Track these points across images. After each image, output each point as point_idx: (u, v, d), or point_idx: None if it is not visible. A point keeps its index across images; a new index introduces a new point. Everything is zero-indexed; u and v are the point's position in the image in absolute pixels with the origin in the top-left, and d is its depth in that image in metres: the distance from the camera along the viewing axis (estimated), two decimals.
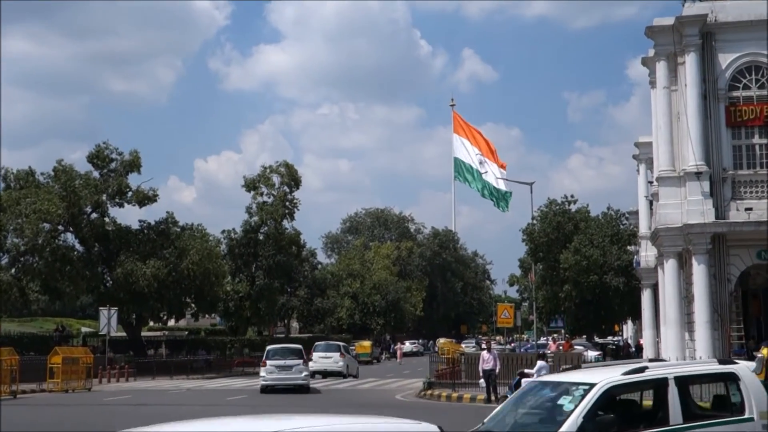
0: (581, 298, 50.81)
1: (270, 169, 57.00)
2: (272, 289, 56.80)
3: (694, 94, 30.17)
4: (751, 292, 32.94)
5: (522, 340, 75.45)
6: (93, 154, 45.59)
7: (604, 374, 8.96)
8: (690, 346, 30.33)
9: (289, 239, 57.66)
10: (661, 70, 31.61)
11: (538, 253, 51.53)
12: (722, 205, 29.90)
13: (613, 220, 53.63)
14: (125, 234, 46.05)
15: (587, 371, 9.66)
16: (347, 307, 71.48)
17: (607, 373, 9.02)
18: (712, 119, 30.28)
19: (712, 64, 30.48)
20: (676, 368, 9.22)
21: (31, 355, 36.39)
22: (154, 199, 46.73)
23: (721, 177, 30.03)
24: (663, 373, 9.03)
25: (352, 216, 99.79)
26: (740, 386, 9.13)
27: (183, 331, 70.25)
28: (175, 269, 44.12)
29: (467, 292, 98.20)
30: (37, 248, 41.56)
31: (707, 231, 29.42)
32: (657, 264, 38.14)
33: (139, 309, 45.99)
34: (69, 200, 42.33)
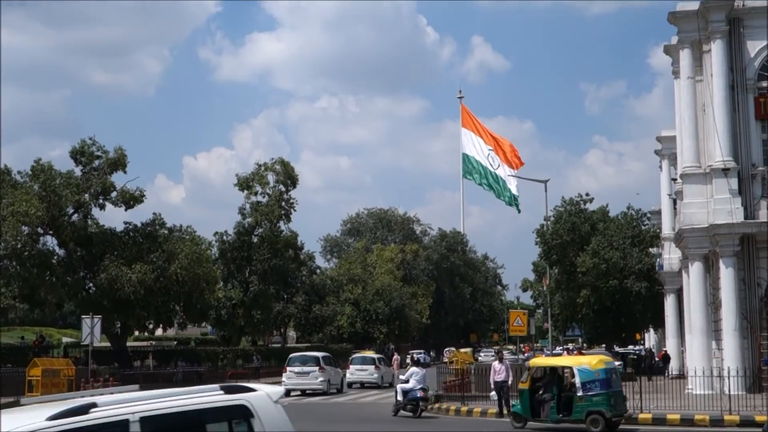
0: (600, 304, 50.76)
1: (264, 167, 57.00)
2: (267, 296, 56.81)
3: (720, 84, 30.17)
4: None
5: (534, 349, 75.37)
6: (76, 150, 45.55)
7: (24, 420, 6.13)
8: (717, 356, 30.31)
9: (285, 242, 57.65)
10: (685, 59, 31.62)
11: (552, 255, 51.53)
12: (752, 203, 29.89)
13: (634, 221, 53.60)
14: (109, 237, 46.01)
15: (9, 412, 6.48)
16: (348, 314, 71.48)
17: (30, 419, 6.16)
18: (740, 111, 30.27)
19: (740, 52, 30.49)
20: (149, 404, 6.64)
21: (8, 367, 36.38)
22: (141, 200, 46.68)
23: (750, 173, 30.02)
24: (122, 412, 6.45)
25: (353, 217, 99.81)
26: (253, 424, 6.95)
27: (171, 341, 70.28)
28: (163, 274, 44.10)
29: (477, 298, 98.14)
30: (16, 253, 41.58)
31: (735, 232, 29.41)
32: (681, 267, 38.11)
33: (125, 317, 45.95)
34: (49, 201, 42.32)
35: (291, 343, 76.38)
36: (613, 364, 23.55)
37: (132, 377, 42.77)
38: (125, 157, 45.92)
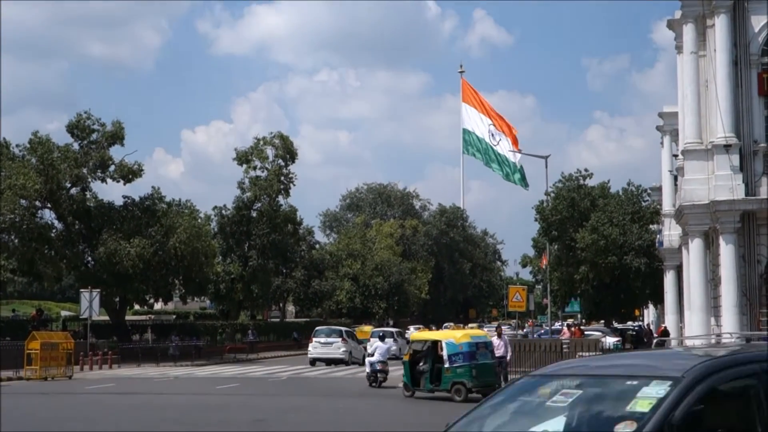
0: (599, 281, 50.84)
1: (263, 141, 56.90)
2: (266, 271, 56.92)
3: (724, 60, 29.99)
4: None
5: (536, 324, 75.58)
6: (73, 123, 45.47)
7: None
8: (717, 331, 30.36)
9: (284, 217, 57.66)
10: (689, 34, 31.41)
11: (552, 232, 51.51)
12: (753, 180, 29.82)
13: (635, 197, 53.56)
14: (108, 211, 46.03)
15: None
16: (347, 289, 71.59)
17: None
18: (743, 87, 30.12)
19: (744, 27, 30.29)
20: None
21: (6, 341, 36.47)
22: (139, 174, 46.70)
23: (752, 150, 29.93)
24: None
25: (352, 192, 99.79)
26: None
27: (170, 315, 70.57)
28: (162, 248, 44.15)
29: (476, 273, 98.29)
30: (14, 226, 41.60)
31: (736, 208, 29.36)
32: (681, 244, 38.11)
33: (123, 291, 46.09)
34: (47, 174, 42.31)
35: (290, 317, 76.62)
36: (482, 338, 25.62)
37: (131, 351, 42.96)
38: (123, 130, 45.89)
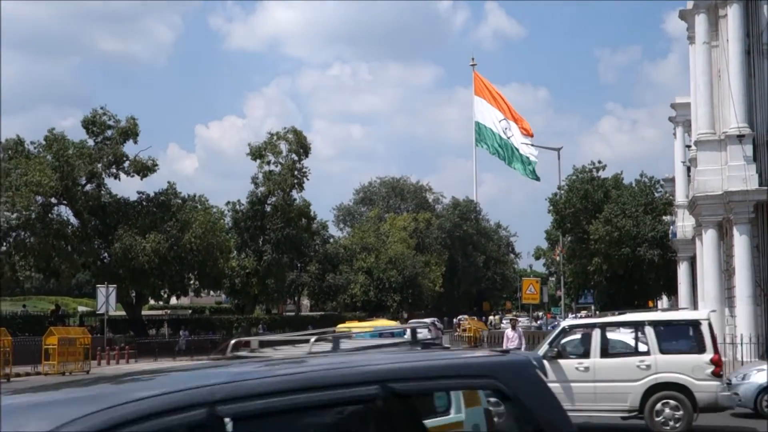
0: (612, 272, 50.72)
1: (277, 136, 56.91)
2: (281, 265, 57.00)
3: (736, 49, 29.80)
4: None
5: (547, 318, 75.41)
6: (88, 119, 45.63)
7: None
8: (730, 323, 30.24)
9: (298, 211, 57.72)
10: (701, 24, 31.24)
11: (565, 224, 51.41)
12: (766, 170, 29.66)
13: (647, 188, 53.37)
14: (123, 206, 46.20)
15: None
16: (361, 283, 71.66)
17: None
18: (756, 77, 29.94)
19: (757, 16, 30.10)
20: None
21: (25, 336, 36.69)
22: (154, 169, 46.82)
23: (765, 140, 29.78)
24: None
25: (365, 186, 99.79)
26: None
27: (186, 309, 70.79)
28: (177, 244, 44.26)
29: (490, 266, 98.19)
30: (30, 223, 41.79)
31: (750, 199, 29.22)
32: (695, 235, 37.96)
33: (139, 286, 46.28)
34: (62, 171, 42.47)
35: (305, 311, 76.75)
36: (387, 328, 25.26)
37: (147, 346, 43.12)
38: (137, 126, 46.00)
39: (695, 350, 15.05)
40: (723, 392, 14.97)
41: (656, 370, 14.86)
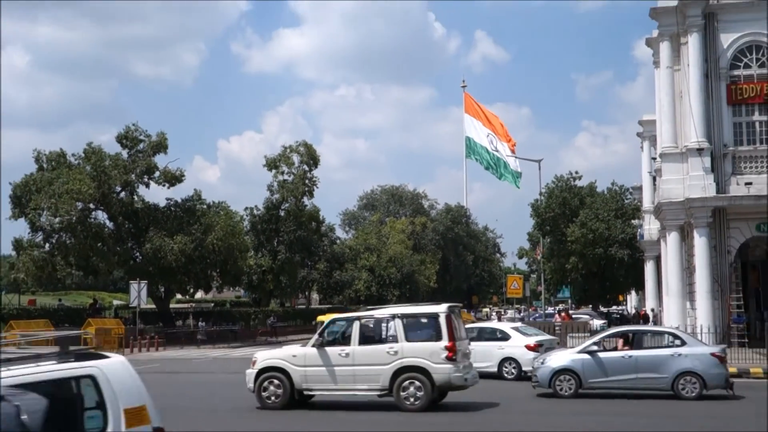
0: (587, 270, 50.71)
1: (290, 149, 56.92)
2: (293, 263, 56.97)
3: (696, 73, 29.85)
4: (750, 264, 32.82)
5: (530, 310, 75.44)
6: (122, 135, 45.64)
7: None
8: (691, 315, 30.26)
9: (308, 215, 57.71)
10: (665, 51, 31.29)
11: (545, 227, 51.44)
12: (723, 179, 29.69)
13: (618, 195, 53.37)
14: (153, 212, 46.19)
15: None
16: (364, 279, 71.56)
17: None
18: (713, 97, 29.98)
19: (714, 44, 30.14)
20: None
21: (66, 327, 36.70)
22: (181, 179, 46.80)
23: (722, 153, 29.80)
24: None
25: (368, 193, 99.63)
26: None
27: (209, 303, 70.71)
28: (201, 244, 44.28)
29: (478, 264, 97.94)
30: (71, 226, 41.81)
31: (708, 205, 29.25)
32: (660, 237, 37.97)
33: (168, 282, 46.27)
34: (99, 180, 42.49)
35: (314, 305, 76.67)
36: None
37: (174, 335, 43.17)
38: (166, 140, 46.00)
39: (434, 338, 15.74)
40: (455, 373, 15.69)
41: (402, 355, 15.68)
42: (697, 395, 17.21)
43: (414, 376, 15.59)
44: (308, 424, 15.27)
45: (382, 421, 15.07)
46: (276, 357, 16.83)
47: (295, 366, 16.30)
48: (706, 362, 17.50)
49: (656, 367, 17.65)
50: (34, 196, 41.74)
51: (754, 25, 30.01)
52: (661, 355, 17.89)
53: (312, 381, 16.22)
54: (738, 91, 30.11)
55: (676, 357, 17.60)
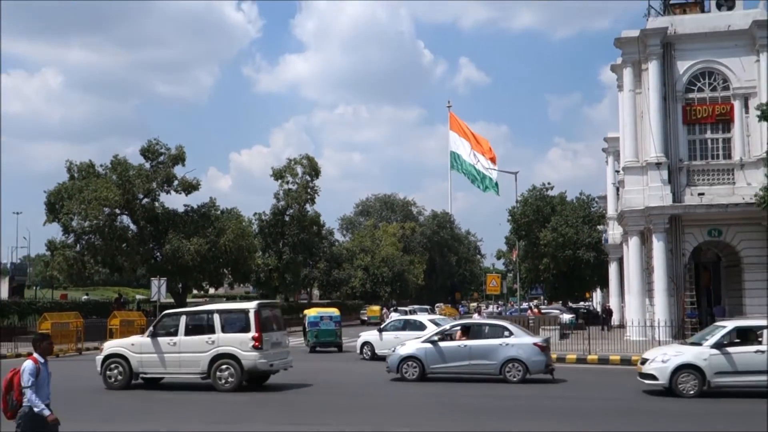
0: (557, 270, 50.63)
1: (294, 161, 56.70)
2: (296, 263, 56.75)
3: (655, 96, 29.92)
4: (702, 265, 32.84)
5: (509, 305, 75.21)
6: (144, 148, 45.36)
7: None
8: (650, 311, 30.24)
9: (310, 220, 57.49)
10: (628, 76, 31.34)
11: (521, 231, 51.36)
12: (678, 190, 29.73)
13: (585, 204, 53.34)
14: (172, 216, 45.87)
15: None
16: (360, 277, 71.42)
17: None
18: (670, 118, 30.05)
19: (672, 70, 30.22)
20: None
21: (93, 319, 36.37)
22: (197, 187, 46.46)
23: (677, 167, 29.85)
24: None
25: (363, 201, 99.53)
26: None
27: (222, 297, 70.33)
28: (215, 246, 44.02)
29: (461, 264, 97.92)
30: (99, 229, 41.57)
31: (665, 213, 29.27)
32: (622, 241, 37.97)
33: (185, 279, 45.94)
34: (124, 188, 42.22)
35: (315, 299, 76.40)
36: (328, 313, 30.44)
37: None
38: (184, 153, 45.69)
39: (244, 330, 16.60)
40: (261, 360, 16.55)
41: (218, 344, 16.58)
42: (520, 379, 17.75)
43: (227, 362, 16.46)
44: (134, 400, 15.77)
45: (198, 400, 15.62)
46: (118, 345, 17.80)
47: (133, 353, 17.22)
48: (529, 351, 17.97)
49: (487, 355, 18.10)
50: (67, 202, 41.45)
51: (707, 53, 30.11)
52: (491, 344, 18.22)
53: (146, 366, 17.09)
54: (692, 112, 30.17)
55: (504, 346, 18.05)
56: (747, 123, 29.40)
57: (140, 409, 14.64)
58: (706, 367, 15.16)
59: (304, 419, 13.17)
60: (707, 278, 33.09)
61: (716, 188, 29.55)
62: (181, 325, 17.02)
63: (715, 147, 30.03)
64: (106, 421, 13.20)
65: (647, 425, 12.56)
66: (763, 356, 14.93)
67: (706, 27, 30.17)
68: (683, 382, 15.29)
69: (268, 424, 12.62)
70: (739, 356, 15.16)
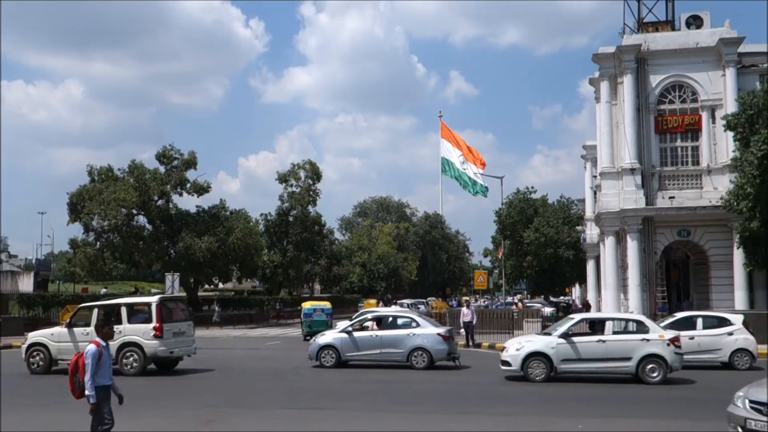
0: (540, 267, 50.79)
1: (297, 166, 56.79)
2: (299, 260, 56.82)
3: (630, 107, 30.12)
4: (672, 263, 33.06)
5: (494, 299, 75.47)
6: (159, 153, 45.44)
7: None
8: (624, 304, 30.43)
9: (312, 221, 57.57)
10: (604, 89, 31.53)
11: (506, 231, 51.52)
12: (651, 194, 29.93)
13: (565, 206, 53.55)
14: (185, 217, 45.95)
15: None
16: (357, 273, 71.49)
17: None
18: (644, 127, 30.25)
19: (645, 83, 30.42)
20: None
21: None
22: (208, 190, 46.56)
23: (650, 172, 30.05)
24: None
25: (361, 203, 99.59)
26: None
27: (230, 291, 70.25)
28: (224, 244, 44.10)
29: (451, 262, 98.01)
30: (117, 228, 41.62)
31: (639, 215, 29.47)
32: (599, 240, 38.19)
33: (196, 274, 46.00)
34: (141, 190, 42.29)
35: (316, 293, 76.43)
36: (320, 306, 31.18)
37: (202, 318, 42.88)
38: (196, 158, 45.79)
39: (147, 321, 17.32)
40: (161, 347, 17.30)
41: (125, 334, 17.19)
42: (425, 366, 18.04)
43: (132, 349, 17.23)
44: (50, 383, 15.95)
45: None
46: (40, 335, 18.36)
47: (52, 342, 17.97)
48: (433, 340, 18.31)
49: (396, 344, 18.39)
50: (87, 203, 41.50)
51: (677, 68, 30.33)
52: (400, 334, 18.52)
53: (63, 353, 17.61)
54: (664, 122, 30.38)
55: (411, 336, 18.37)
56: (714, 132, 29.63)
57: (51, 391, 14.76)
58: (554, 354, 15.57)
59: (160, 400, 13.52)
60: (677, 275, 33.32)
61: (685, 192, 29.76)
62: (93, 316, 17.46)
63: (685, 154, 30.25)
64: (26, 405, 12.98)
65: (474, 406, 12.65)
66: (605, 345, 15.40)
67: (677, 44, 30.40)
68: (533, 368, 15.64)
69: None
70: (583, 345, 15.59)
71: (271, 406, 12.70)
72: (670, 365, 15.25)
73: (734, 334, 18.37)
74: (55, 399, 13.26)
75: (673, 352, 15.36)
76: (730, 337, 18.32)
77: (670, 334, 15.75)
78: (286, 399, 13.55)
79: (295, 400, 13.31)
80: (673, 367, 15.34)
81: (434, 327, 19.03)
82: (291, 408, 12.42)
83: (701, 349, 18.15)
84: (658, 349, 15.27)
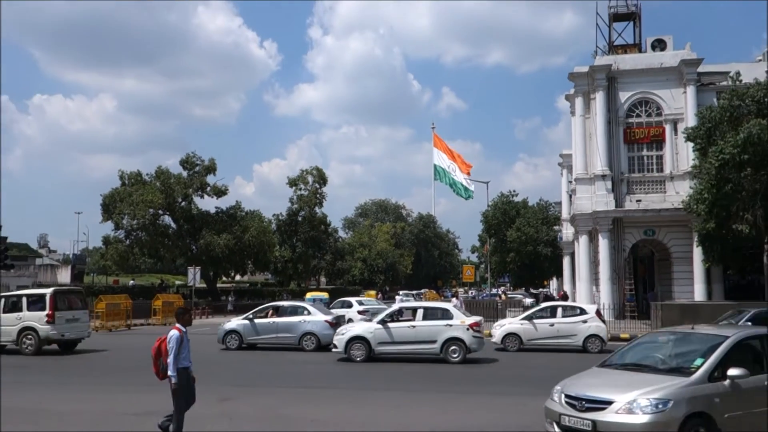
0: (521, 262, 50.71)
1: (306, 172, 56.61)
2: (307, 255, 56.64)
3: (601, 120, 30.01)
4: (639, 259, 32.95)
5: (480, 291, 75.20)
6: (183, 160, 45.27)
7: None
8: (597, 296, 30.29)
9: (319, 220, 57.40)
10: (579, 104, 31.44)
11: (491, 230, 51.43)
12: (620, 197, 29.82)
13: (544, 208, 53.45)
14: (205, 217, 45.80)
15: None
16: (359, 267, 71.29)
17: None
18: (614, 138, 30.15)
19: (615, 99, 30.33)
20: None
21: (140, 300, 36.24)
22: (226, 193, 46.43)
23: (619, 178, 29.94)
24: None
25: (362, 204, 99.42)
26: None
27: (245, 283, 70.04)
28: (240, 241, 43.96)
29: (442, 257, 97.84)
30: (144, 227, 41.45)
31: (609, 216, 29.36)
32: (574, 239, 38.07)
33: (215, 268, 45.84)
34: (166, 193, 42.13)
35: (322, 286, 76.22)
36: (319, 297, 30.21)
37: (220, 307, 42.70)
38: (215, 164, 45.63)
39: (42, 309, 18.01)
40: (52, 331, 17.94)
41: (24, 320, 18.02)
42: (313, 348, 18.38)
43: (29, 333, 18.05)
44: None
45: (7, 364, 15.90)
46: None
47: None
48: (321, 326, 18.59)
49: (289, 329, 18.68)
50: (118, 204, 41.33)
51: (643, 86, 30.23)
52: (293, 321, 18.80)
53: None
54: (632, 134, 30.27)
55: (303, 323, 18.68)
56: (676, 143, 29.51)
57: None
58: (372, 338, 16.03)
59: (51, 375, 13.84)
60: (643, 270, 33.22)
61: (651, 196, 29.65)
62: (22, 304, 18.34)
63: (650, 162, 30.14)
64: None
65: (313, 382, 13.02)
66: (414, 330, 15.93)
67: (643, 64, 30.31)
68: (354, 350, 16.11)
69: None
70: (396, 330, 16.07)
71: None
72: (469, 347, 15.65)
73: (588, 321, 18.51)
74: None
75: (472, 335, 15.75)
76: (584, 324, 18.47)
77: (471, 320, 16.08)
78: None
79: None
80: (471, 348, 15.73)
81: (324, 315, 19.26)
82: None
83: (560, 335, 18.50)
84: (459, 333, 15.67)
